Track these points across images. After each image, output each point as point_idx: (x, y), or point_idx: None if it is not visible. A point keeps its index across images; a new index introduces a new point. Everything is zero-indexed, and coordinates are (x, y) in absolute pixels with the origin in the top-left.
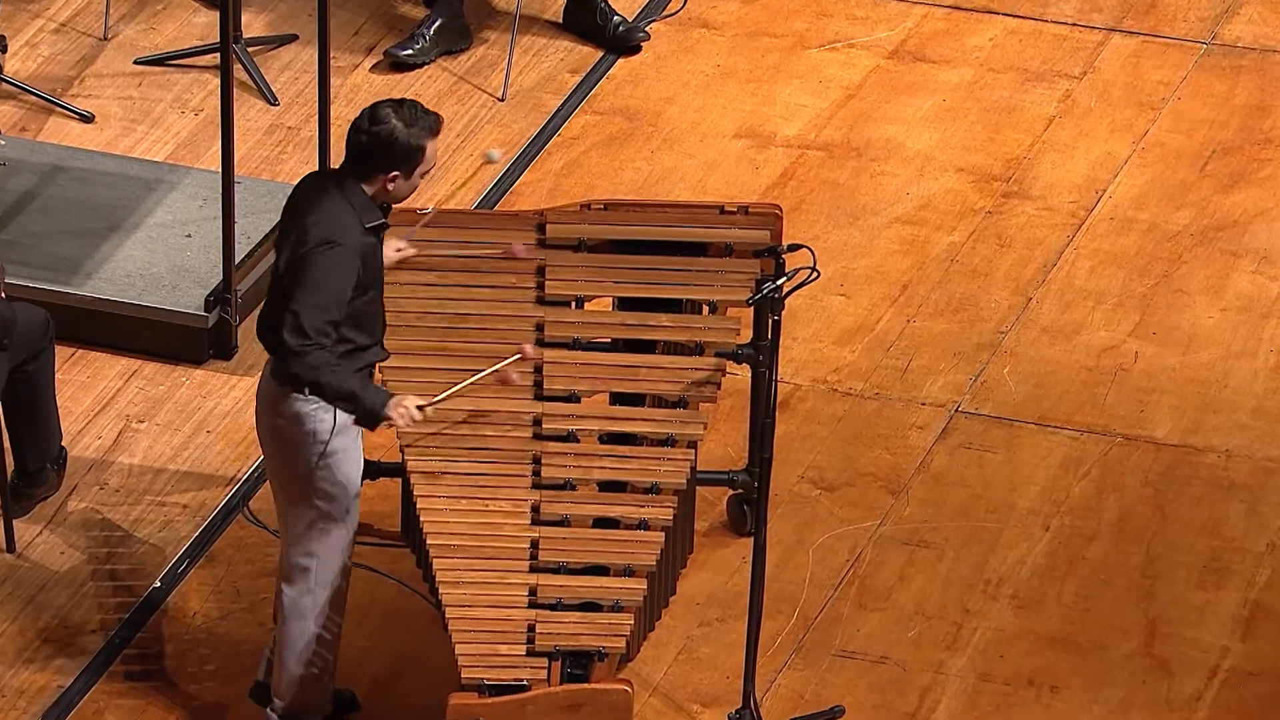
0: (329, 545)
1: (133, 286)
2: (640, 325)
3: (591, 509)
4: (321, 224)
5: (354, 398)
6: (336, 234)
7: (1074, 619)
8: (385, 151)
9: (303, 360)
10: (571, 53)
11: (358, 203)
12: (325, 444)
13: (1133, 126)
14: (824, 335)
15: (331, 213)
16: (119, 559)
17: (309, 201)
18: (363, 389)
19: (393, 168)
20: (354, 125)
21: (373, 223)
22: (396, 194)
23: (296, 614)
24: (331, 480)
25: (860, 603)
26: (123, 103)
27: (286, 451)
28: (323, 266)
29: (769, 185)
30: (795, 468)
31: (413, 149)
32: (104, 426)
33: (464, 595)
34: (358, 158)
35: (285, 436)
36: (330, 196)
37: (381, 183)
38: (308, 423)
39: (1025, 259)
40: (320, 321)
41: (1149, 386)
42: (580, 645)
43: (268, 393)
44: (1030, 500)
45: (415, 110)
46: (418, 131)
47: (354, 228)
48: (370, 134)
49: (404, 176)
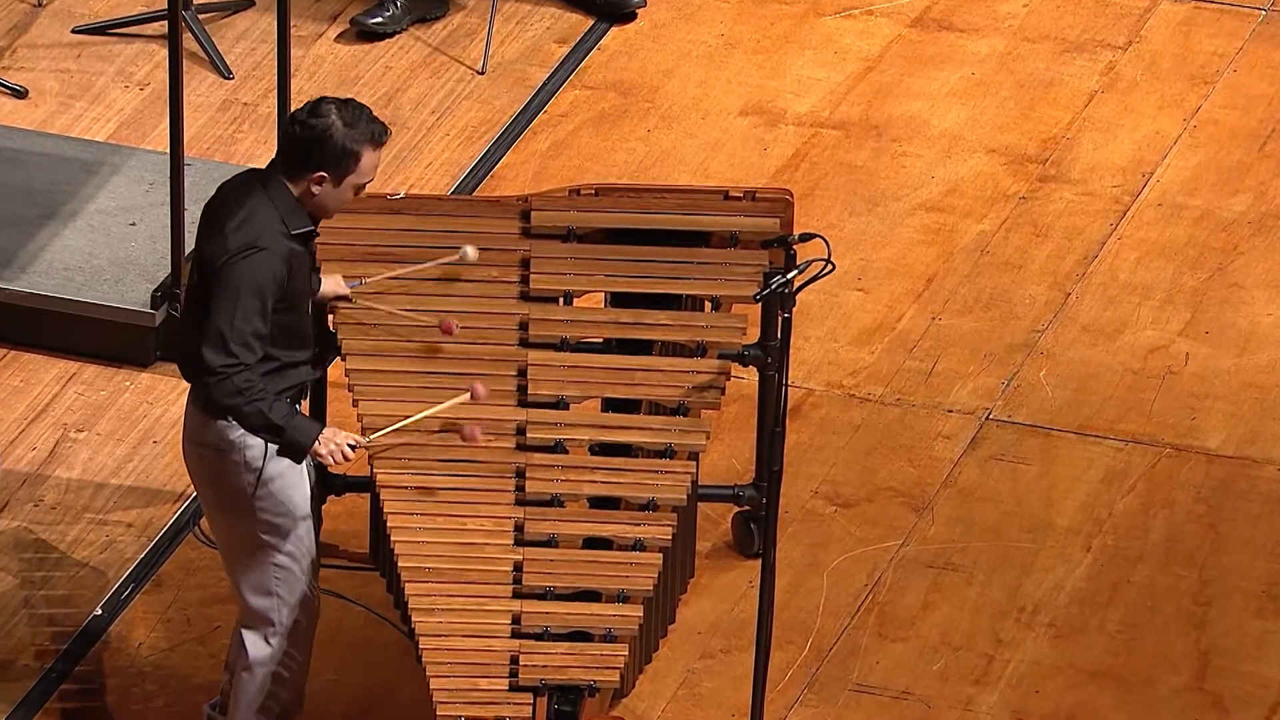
0: (286, 581)
1: (71, 280)
2: (635, 324)
3: (581, 528)
4: (242, 229)
5: (278, 430)
6: (258, 238)
7: (1118, 650)
8: (315, 147)
9: (222, 385)
10: (559, 20)
11: (283, 204)
12: (259, 471)
13: (1183, 102)
14: (840, 335)
15: (253, 215)
16: (55, 584)
17: (230, 204)
18: (288, 420)
19: (320, 167)
20: (290, 115)
21: (299, 229)
22: (323, 202)
23: (260, 661)
24: (274, 510)
25: (880, 632)
26: (59, 76)
27: (218, 485)
28: (244, 273)
29: (779, 168)
30: (808, 482)
31: (345, 151)
32: (39, 436)
33: (440, 623)
34: (287, 151)
35: (214, 468)
36: (254, 196)
37: (307, 184)
38: (236, 450)
39: (1063, 250)
40: (244, 335)
41: (1201, 391)
42: (569, 679)
43: (190, 423)
44: (1069, 518)
45: (360, 113)
46: (355, 135)
47: (278, 232)
48: (304, 125)
49: (332, 181)
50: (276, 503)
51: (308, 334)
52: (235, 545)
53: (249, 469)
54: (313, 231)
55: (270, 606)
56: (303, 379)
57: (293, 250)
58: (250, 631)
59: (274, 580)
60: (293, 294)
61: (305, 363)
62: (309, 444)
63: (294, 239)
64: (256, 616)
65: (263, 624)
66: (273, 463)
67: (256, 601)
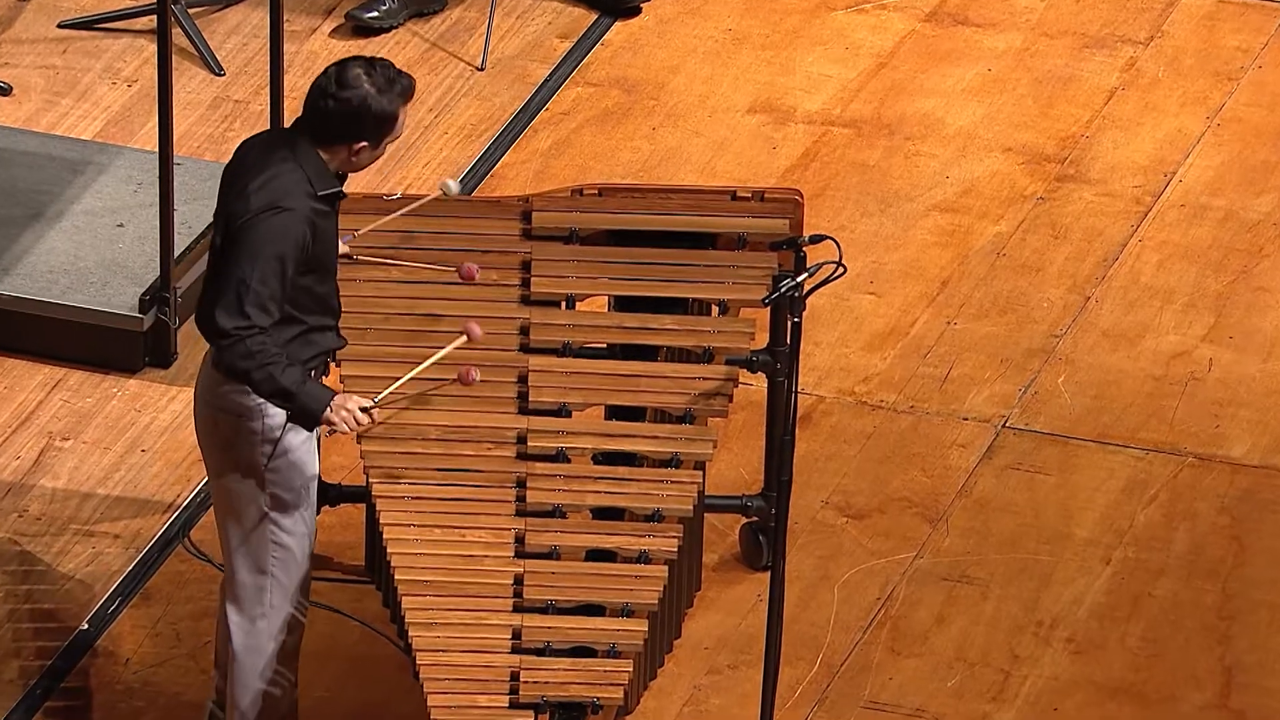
0: (284, 561)
1: (56, 284)
2: (640, 328)
3: (584, 539)
4: (266, 188)
5: (289, 395)
6: (282, 198)
7: (1139, 666)
8: (354, 120)
9: (234, 348)
10: (561, 15)
11: (311, 167)
12: (275, 443)
13: (1207, 99)
14: (851, 340)
15: (279, 176)
16: (40, 597)
17: (254, 164)
18: (300, 386)
19: (361, 137)
20: (318, 86)
21: (326, 190)
22: (360, 163)
23: (251, 647)
24: (285, 485)
25: (893, 647)
26: (44, 72)
27: (229, 452)
28: (264, 234)
29: (788, 167)
30: (818, 492)
31: (385, 116)
32: (23, 445)
33: (437, 638)
34: (320, 123)
35: (227, 434)
36: (278, 157)
37: (346, 153)
38: (254, 418)
39: (1083, 252)
40: (261, 298)
41: (1225, 399)
42: (571, 696)
43: (206, 383)
44: (1088, 529)
45: (388, 72)
46: (391, 98)
47: (303, 193)
48: (339, 99)
49: (372, 146)
50: (288, 476)
51: (334, 300)
52: (237, 518)
53: (266, 439)
54: (339, 193)
55: (263, 586)
56: (330, 345)
57: (317, 212)
58: (239, 611)
59: (271, 559)
60: (317, 258)
61: (332, 328)
62: (321, 410)
63: (320, 200)
64: (246, 595)
65: (252, 604)
66: (291, 434)
67: (250, 579)
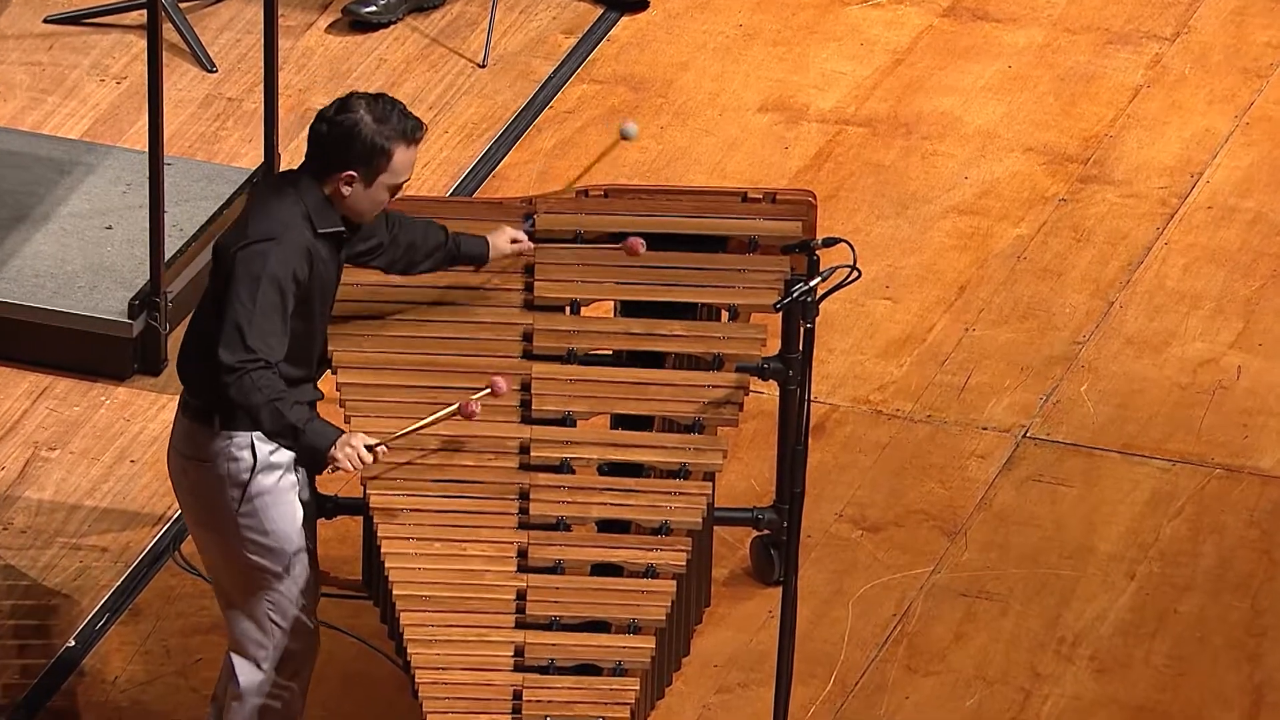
0: (279, 606)
1: (43, 288)
2: (647, 335)
3: (589, 553)
4: (263, 221)
5: (296, 432)
6: (277, 230)
7: (1165, 685)
8: (343, 145)
9: (239, 383)
10: (565, 10)
11: (311, 202)
12: (244, 487)
13: (1235, 97)
14: (866, 346)
15: (277, 210)
16: (26, 613)
17: (257, 200)
18: (307, 423)
19: (349, 165)
20: (318, 113)
21: (328, 228)
22: (355, 204)
23: (250, 689)
24: (260, 529)
25: (909, 665)
26: (30, 69)
27: (201, 498)
28: (259, 263)
29: (801, 168)
30: (832, 504)
31: (375, 148)
32: (8, 455)
33: (437, 655)
34: (315, 151)
35: (196, 480)
36: (281, 194)
37: (337, 184)
38: (220, 463)
39: (1106, 256)
40: (263, 331)
41: (1254, 408)
42: (575, 715)
43: (175, 429)
44: (1112, 543)
45: (392, 108)
46: (386, 131)
47: (301, 228)
48: (332, 123)
49: (363, 181)
50: (261, 521)
51: (314, 350)
52: (223, 566)
53: (234, 483)
54: (343, 233)
55: (262, 633)
56: (307, 398)
57: (315, 247)
58: (240, 657)
59: (265, 605)
60: (310, 297)
61: (310, 381)
62: (326, 448)
63: (320, 238)
64: (247, 642)
65: (254, 649)
66: (260, 477)
67: (247, 627)
